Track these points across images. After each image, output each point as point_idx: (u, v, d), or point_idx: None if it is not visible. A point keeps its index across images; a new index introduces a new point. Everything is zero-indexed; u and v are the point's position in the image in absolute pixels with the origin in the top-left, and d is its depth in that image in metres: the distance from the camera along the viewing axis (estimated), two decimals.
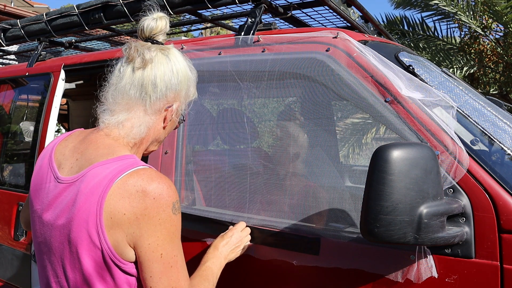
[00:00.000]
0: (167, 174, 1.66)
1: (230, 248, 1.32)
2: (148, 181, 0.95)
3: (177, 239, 1.01)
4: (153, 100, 1.06)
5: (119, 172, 0.96)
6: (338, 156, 2.32)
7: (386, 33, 2.44)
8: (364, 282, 1.25)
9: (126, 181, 0.95)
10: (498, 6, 6.21)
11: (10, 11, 8.13)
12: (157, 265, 0.97)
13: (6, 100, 2.72)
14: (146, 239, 0.95)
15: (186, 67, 1.12)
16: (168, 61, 1.08)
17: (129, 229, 0.94)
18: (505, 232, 1.10)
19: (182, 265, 1.02)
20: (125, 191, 0.94)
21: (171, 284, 0.98)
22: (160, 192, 0.95)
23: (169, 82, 1.07)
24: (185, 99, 1.14)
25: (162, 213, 0.96)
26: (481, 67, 6.96)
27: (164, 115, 1.10)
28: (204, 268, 1.22)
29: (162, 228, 0.96)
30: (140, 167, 0.99)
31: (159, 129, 1.12)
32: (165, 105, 1.09)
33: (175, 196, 0.99)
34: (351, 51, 1.41)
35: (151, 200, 0.94)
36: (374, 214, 1.03)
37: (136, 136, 1.07)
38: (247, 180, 1.61)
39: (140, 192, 0.94)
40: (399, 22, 7.73)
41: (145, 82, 1.05)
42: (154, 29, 1.10)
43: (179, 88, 1.09)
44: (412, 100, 1.29)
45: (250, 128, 1.82)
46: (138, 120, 1.07)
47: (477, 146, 1.24)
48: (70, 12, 2.29)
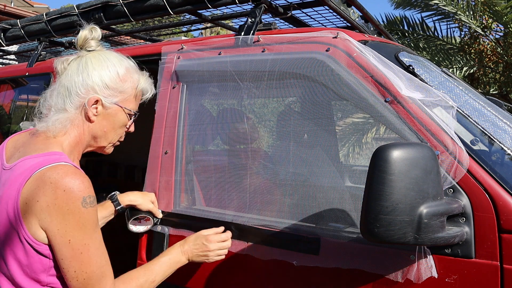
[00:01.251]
0: (167, 174, 1.66)
1: (196, 252, 1.41)
2: (62, 176, 1.08)
3: (88, 230, 1.11)
4: (68, 99, 1.22)
5: (41, 165, 1.10)
6: (338, 156, 2.32)
7: (386, 33, 2.44)
8: (364, 282, 1.25)
9: (44, 173, 1.08)
10: (498, 6, 6.21)
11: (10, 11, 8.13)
12: (66, 249, 1.09)
13: (6, 100, 2.72)
14: (55, 225, 1.08)
15: (104, 64, 1.25)
16: (79, 65, 1.24)
17: (41, 215, 1.07)
18: (505, 232, 1.10)
19: (95, 254, 1.13)
20: (41, 182, 1.07)
21: (82, 268, 1.10)
22: (71, 186, 1.07)
23: (76, 80, 1.22)
24: (110, 92, 1.25)
25: (71, 204, 1.07)
26: (481, 67, 6.96)
27: (85, 109, 1.23)
28: (157, 262, 1.35)
29: (70, 217, 1.08)
30: (61, 163, 1.11)
31: (88, 124, 1.25)
32: (81, 101, 1.22)
33: (86, 191, 1.10)
34: (351, 51, 1.41)
35: (62, 192, 1.07)
36: (374, 214, 1.03)
37: (60, 130, 1.21)
38: (247, 180, 1.61)
39: (53, 184, 1.07)
40: (399, 22, 7.72)
41: (60, 87, 1.24)
42: (79, 39, 1.28)
43: (91, 83, 1.22)
44: (412, 100, 1.29)
45: (250, 128, 1.82)
46: (63, 118, 1.22)
47: (477, 146, 1.24)
48: (70, 12, 2.29)
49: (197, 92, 1.75)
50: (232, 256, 1.48)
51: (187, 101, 1.72)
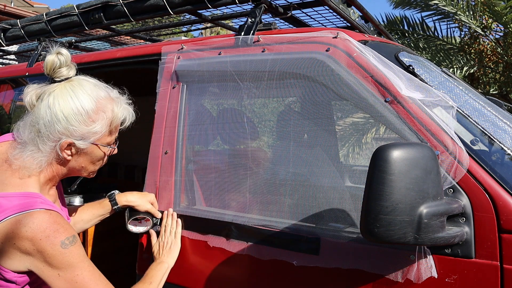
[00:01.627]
0: (167, 174, 1.66)
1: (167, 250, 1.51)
2: (38, 225, 1.09)
3: (76, 263, 1.13)
4: (39, 140, 1.16)
5: (16, 210, 1.09)
6: (338, 156, 2.32)
7: (386, 33, 2.44)
8: (364, 282, 1.25)
9: (20, 220, 1.08)
10: (498, 6, 6.21)
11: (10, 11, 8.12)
12: (59, 282, 1.11)
13: (6, 100, 2.72)
14: (40, 263, 1.10)
15: (70, 106, 1.15)
16: (47, 104, 1.15)
17: (21, 257, 1.09)
18: (505, 232, 1.10)
19: (91, 279, 1.14)
20: (17, 229, 1.08)
21: None
22: (48, 233, 1.09)
23: (46, 124, 1.14)
24: (82, 135, 1.18)
25: (51, 249, 1.09)
26: (481, 67, 6.96)
27: (56, 150, 1.17)
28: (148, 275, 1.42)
29: (53, 259, 1.10)
30: (36, 209, 1.11)
31: (64, 162, 1.22)
32: (54, 145, 1.16)
33: (64, 234, 1.12)
34: (351, 51, 1.41)
35: (38, 240, 1.08)
36: (374, 214, 1.03)
37: (36, 168, 1.17)
38: (247, 180, 1.61)
39: (29, 233, 1.08)
40: (399, 22, 7.72)
41: (31, 124, 1.16)
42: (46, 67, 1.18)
43: (60, 128, 1.15)
44: (412, 100, 1.29)
45: (250, 128, 1.82)
46: (38, 156, 1.17)
47: (477, 146, 1.24)
48: (70, 12, 2.29)
49: (197, 92, 1.75)
50: (232, 256, 1.48)
51: (187, 101, 1.72)
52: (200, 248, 1.55)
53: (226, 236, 1.50)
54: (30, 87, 1.20)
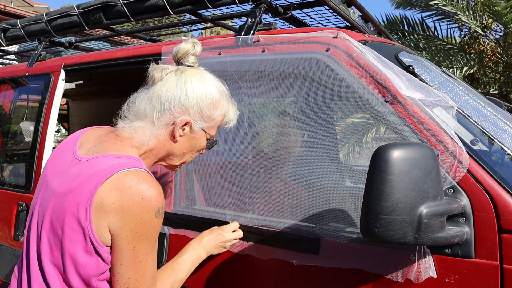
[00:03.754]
0: (167, 174, 1.66)
1: (214, 244, 1.41)
2: (142, 182, 1.07)
3: (153, 240, 1.12)
4: (159, 113, 1.17)
5: (121, 167, 1.08)
6: (338, 156, 2.32)
7: (386, 33, 2.44)
8: (364, 282, 1.25)
9: (124, 176, 1.07)
10: (498, 6, 6.21)
11: (10, 11, 8.13)
12: (128, 255, 1.08)
13: (6, 100, 2.72)
14: (125, 231, 1.06)
15: (202, 88, 1.20)
16: (179, 80, 1.18)
17: (113, 218, 1.05)
18: (505, 232, 1.10)
19: (151, 263, 1.13)
20: (120, 184, 1.05)
21: (135, 276, 1.10)
22: (149, 194, 1.06)
23: (173, 97, 1.17)
24: (202, 117, 1.21)
25: (146, 214, 1.06)
26: (481, 67, 6.96)
27: (171, 128, 1.19)
28: (179, 260, 1.34)
29: (142, 226, 1.07)
30: (141, 169, 1.10)
31: (169, 143, 1.22)
32: (172, 119, 1.18)
33: (162, 202, 1.09)
34: (351, 51, 1.41)
35: (140, 199, 1.05)
36: (374, 214, 1.03)
37: (144, 142, 1.19)
38: (247, 180, 1.61)
39: (132, 189, 1.05)
40: (399, 22, 7.73)
41: (153, 96, 1.18)
42: (178, 52, 1.24)
43: (187, 103, 1.18)
44: (412, 100, 1.29)
45: (250, 128, 1.82)
46: (148, 130, 1.19)
47: (477, 146, 1.24)
48: (70, 12, 2.29)
49: None
50: (232, 256, 1.48)
51: None
52: None
53: None
54: (158, 65, 1.23)
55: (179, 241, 1.59)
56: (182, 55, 1.24)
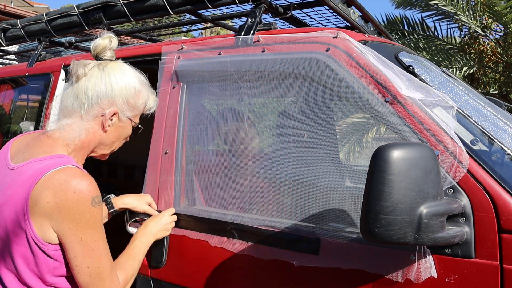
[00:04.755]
0: (167, 174, 1.67)
1: (159, 227, 1.53)
2: (71, 177, 1.12)
3: (98, 227, 1.17)
4: (87, 107, 1.24)
5: (49, 168, 1.13)
6: (338, 156, 2.32)
7: (386, 33, 2.44)
8: (364, 282, 1.25)
9: (53, 176, 1.12)
10: (498, 6, 6.21)
11: (10, 11, 8.13)
12: (78, 247, 1.14)
13: (6, 100, 2.72)
14: (67, 225, 1.12)
15: (125, 79, 1.28)
16: (102, 74, 1.25)
17: (52, 216, 1.11)
18: (505, 232, 1.10)
19: (104, 249, 1.18)
20: (51, 184, 1.11)
21: (94, 264, 1.15)
22: (80, 187, 1.12)
23: (100, 91, 1.24)
24: (127, 107, 1.30)
25: (82, 205, 1.12)
26: (481, 67, 6.96)
27: (100, 120, 1.26)
28: (132, 246, 1.43)
29: (82, 217, 1.13)
30: (69, 166, 1.16)
31: (100, 133, 1.29)
32: (100, 112, 1.25)
33: (95, 191, 1.15)
34: (351, 51, 1.41)
35: (72, 193, 1.11)
36: (374, 214, 1.03)
37: (75, 138, 1.25)
38: (247, 180, 1.61)
39: (62, 186, 1.11)
40: (399, 22, 7.73)
41: (79, 92, 1.24)
42: (97, 47, 1.30)
43: (112, 95, 1.25)
44: (412, 100, 1.29)
45: (250, 128, 1.82)
46: (77, 126, 1.25)
47: (477, 146, 1.24)
48: (70, 12, 2.29)
49: (197, 92, 1.75)
50: (232, 256, 1.48)
51: (187, 101, 1.73)
52: (200, 248, 1.55)
53: (227, 236, 1.50)
54: (78, 61, 1.28)
55: (179, 241, 1.60)
56: (100, 50, 1.30)
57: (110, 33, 1.32)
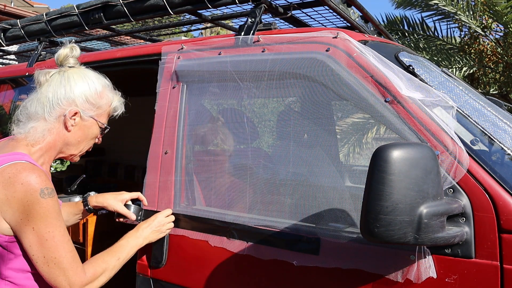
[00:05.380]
0: (167, 174, 1.67)
1: (151, 229, 1.54)
2: (20, 171, 1.18)
3: (50, 218, 1.20)
4: (49, 109, 1.32)
5: (1, 163, 1.20)
6: (338, 156, 2.32)
7: (386, 33, 2.44)
8: (364, 282, 1.25)
9: (4, 170, 1.18)
10: (498, 6, 6.21)
11: (10, 11, 8.12)
12: (31, 236, 1.18)
13: (6, 100, 2.71)
14: (18, 216, 1.17)
15: (85, 81, 1.36)
16: (62, 78, 1.35)
17: (3, 208, 1.17)
18: (505, 232, 1.10)
19: (62, 240, 1.21)
20: (1, 177, 1.17)
21: (49, 254, 1.19)
22: (28, 179, 1.17)
23: (59, 92, 1.33)
24: (89, 106, 1.37)
25: (30, 196, 1.16)
26: (481, 67, 6.96)
27: (63, 120, 1.33)
28: (116, 244, 1.44)
29: (31, 208, 1.17)
30: (21, 161, 1.21)
31: (64, 133, 1.35)
32: (62, 112, 1.33)
33: (43, 184, 1.19)
34: (351, 51, 1.41)
35: (20, 185, 1.16)
36: (374, 214, 1.03)
37: (39, 138, 1.31)
38: (247, 180, 1.61)
39: (11, 179, 1.17)
40: (399, 22, 7.72)
41: (41, 97, 1.33)
42: (60, 56, 1.39)
43: (72, 96, 1.33)
44: (412, 100, 1.29)
45: (250, 128, 1.82)
46: (40, 127, 1.32)
47: (477, 146, 1.24)
48: (70, 12, 2.29)
49: (197, 92, 1.75)
50: (232, 256, 1.48)
51: (187, 101, 1.73)
52: (200, 248, 1.55)
53: (227, 236, 1.50)
54: (41, 70, 1.38)
55: (179, 241, 1.60)
56: (62, 58, 1.40)
57: (73, 43, 1.42)
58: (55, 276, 1.19)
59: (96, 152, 3.99)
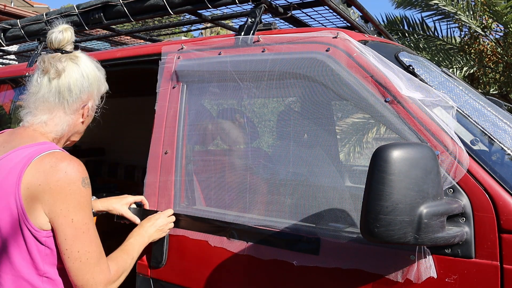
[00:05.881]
0: (167, 174, 1.67)
1: (155, 228, 1.54)
2: (61, 159, 1.16)
3: (88, 209, 1.19)
4: (70, 102, 1.29)
5: (38, 152, 1.17)
6: (338, 156, 2.32)
7: (386, 33, 2.44)
8: (364, 282, 1.25)
9: (42, 159, 1.16)
10: (498, 6, 6.21)
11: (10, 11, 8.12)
12: (69, 229, 1.15)
13: (6, 100, 2.72)
14: (58, 206, 1.14)
15: (95, 69, 1.35)
16: (78, 68, 1.30)
17: (44, 198, 1.14)
18: (505, 232, 1.10)
19: (94, 234, 1.20)
20: (41, 166, 1.15)
21: (84, 248, 1.16)
22: (71, 167, 1.15)
23: (81, 86, 1.30)
24: (98, 95, 1.37)
25: (73, 185, 1.15)
26: (481, 67, 6.96)
27: (81, 112, 1.33)
28: (127, 243, 1.43)
29: (73, 197, 1.15)
30: (56, 150, 1.20)
31: (78, 124, 1.35)
32: (81, 105, 1.32)
33: (84, 173, 1.18)
34: (351, 51, 1.41)
35: (63, 173, 1.14)
36: (374, 214, 1.03)
37: (59, 133, 1.29)
38: (247, 180, 1.61)
39: (53, 167, 1.14)
40: (399, 22, 7.72)
41: (62, 89, 1.27)
42: (61, 41, 1.30)
43: (91, 89, 1.33)
44: (412, 100, 1.29)
45: (250, 128, 1.82)
46: (60, 120, 1.29)
47: (477, 146, 1.24)
48: (70, 12, 2.29)
49: (197, 92, 1.75)
50: (232, 256, 1.48)
51: (187, 101, 1.73)
52: (200, 248, 1.55)
53: (227, 236, 1.50)
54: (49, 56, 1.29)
55: (179, 241, 1.60)
56: (65, 43, 1.31)
57: (66, 25, 1.33)
58: (84, 273, 1.16)
59: (96, 152, 3.99)
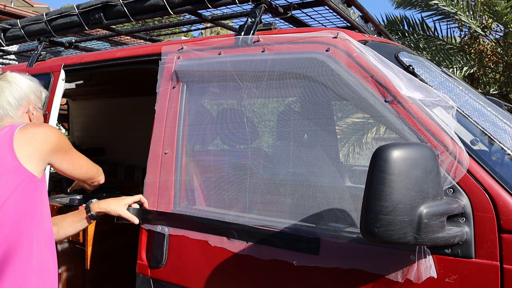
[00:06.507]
0: (167, 174, 1.67)
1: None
2: (39, 125, 1.51)
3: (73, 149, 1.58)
4: (13, 111, 1.56)
5: (15, 126, 1.43)
6: (338, 156, 2.32)
7: (386, 33, 2.44)
8: (364, 282, 1.25)
9: (26, 127, 1.44)
10: (498, 6, 6.21)
11: (10, 11, 8.12)
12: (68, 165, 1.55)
13: None
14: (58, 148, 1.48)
15: (26, 80, 1.62)
16: (10, 84, 1.57)
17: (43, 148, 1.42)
18: (505, 232, 1.10)
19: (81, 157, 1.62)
20: (27, 134, 1.42)
21: (88, 164, 1.65)
22: (50, 127, 1.50)
23: (18, 96, 1.57)
24: (36, 100, 1.64)
25: (60, 133, 1.49)
26: (481, 67, 6.96)
27: (27, 115, 1.61)
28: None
29: (64, 140, 1.51)
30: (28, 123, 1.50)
31: None
32: (24, 110, 1.59)
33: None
34: (351, 51, 1.41)
35: (49, 127, 1.50)
36: (374, 214, 1.03)
37: None
38: (247, 180, 1.61)
39: (39, 127, 1.47)
40: (399, 22, 7.72)
41: (3, 104, 1.54)
42: None
43: (27, 96, 1.59)
44: (412, 100, 1.29)
45: (250, 128, 1.81)
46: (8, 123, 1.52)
47: (477, 146, 1.24)
48: (70, 12, 2.29)
49: (197, 92, 1.75)
50: (232, 256, 1.48)
51: (187, 101, 1.73)
52: (200, 248, 1.55)
53: (227, 236, 1.50)
54: None
55: (179, 241, 1.60)
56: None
57: None
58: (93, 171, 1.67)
59: (96, 152, 3.99)
